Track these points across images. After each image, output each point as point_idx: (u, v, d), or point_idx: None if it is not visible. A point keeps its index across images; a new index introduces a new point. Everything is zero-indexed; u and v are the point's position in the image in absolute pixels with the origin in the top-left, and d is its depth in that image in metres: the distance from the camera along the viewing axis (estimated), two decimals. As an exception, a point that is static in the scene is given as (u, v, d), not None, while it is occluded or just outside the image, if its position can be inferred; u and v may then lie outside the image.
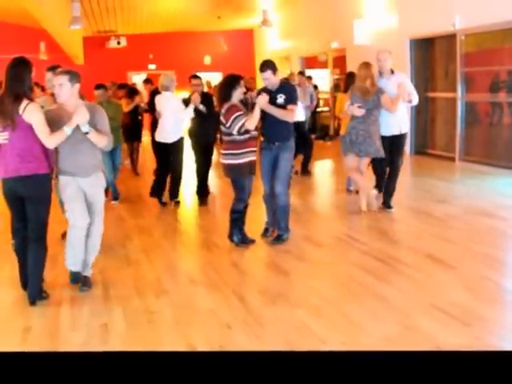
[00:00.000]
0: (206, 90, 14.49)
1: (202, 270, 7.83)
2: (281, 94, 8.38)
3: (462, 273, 7.06)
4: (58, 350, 5.42)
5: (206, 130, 11.69)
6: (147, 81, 16.54)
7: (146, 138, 16.52)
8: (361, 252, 7.97)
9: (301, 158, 14.09)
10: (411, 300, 6.33)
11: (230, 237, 8.58)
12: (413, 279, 6.96)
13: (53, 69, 8.22)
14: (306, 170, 14.55)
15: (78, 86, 6.87)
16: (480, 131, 14.83)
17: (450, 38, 14.61)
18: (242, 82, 8.38)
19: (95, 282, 7.34)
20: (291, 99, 8.45)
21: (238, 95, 8.27)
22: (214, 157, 12.70)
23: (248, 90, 10.68)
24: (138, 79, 28.51)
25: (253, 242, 8.64)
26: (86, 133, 6.65)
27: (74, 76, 6.83)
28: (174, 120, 11.43)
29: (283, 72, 16.45)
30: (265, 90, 8.49)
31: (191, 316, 6.25)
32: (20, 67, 6.53)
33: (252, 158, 8.37)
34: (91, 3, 19.05)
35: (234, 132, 8.09)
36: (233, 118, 8.06)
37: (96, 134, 6.77)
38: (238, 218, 8.53)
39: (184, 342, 5.59)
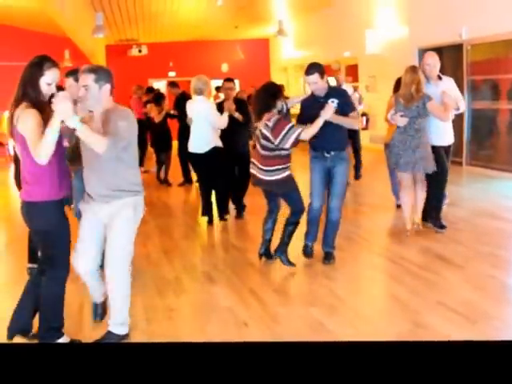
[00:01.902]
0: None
1: (219, 269, 7.83)
2: (332, 99, 7.38)
3: (470, 272, 7.07)
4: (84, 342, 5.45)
5: (241, 139, 10.46)
6: (173, 84, 15.30)
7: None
8: (373, 253, 7.96)
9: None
10: (421, 298, 6.33)
11: (284, 252, 7.57)
12: (423, 279, 6.96)
13: (72, 74, 6.39)
14: (358, 175, 13.85)
15: (108, 87, 5.21)
16: (486, 137, 14.80)
17: (457, 47, 14.57)
18: (283, 92, 7.57)
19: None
20: (348, 105, 7.61)
21: (279, 105, 7.31)
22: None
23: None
24: (158, 86, 28.68)
25: (294, 265, 7.55)
26: (74, 129, 4.90)
27: (102, 75, 5.20)
28: (207, 127, 9.84)
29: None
30: (312, 96, 7.61)
31: (209, 314, 6.27)
32: (26, 67, 5.16)
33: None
34: (114, 13, 19.09)
35: (287, 146, 7.12)
36: (283, 133, 7.05)
37: (89, 131, 4.89)
38: (293, 230, 7.62)
39: (202, 339, 5.59)
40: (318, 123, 7.13)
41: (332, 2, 20.25)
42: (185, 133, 11.23)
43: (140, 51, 26.77)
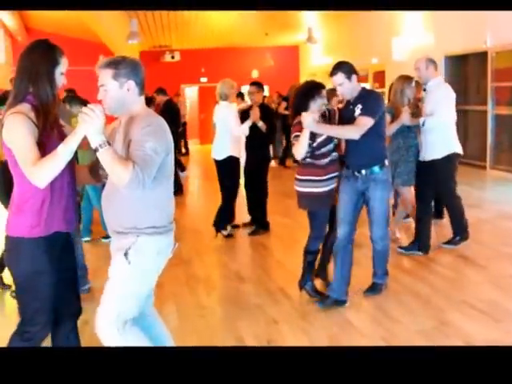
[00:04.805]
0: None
1: (249, 268, 7.88)
2: (359, 105, 5.98)
3: (492, 272, 7.04)
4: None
5: (255, 150, 9.52)
6: (159, 91, 14.84)
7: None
8: (398, 253, 7.94)
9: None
10: (445, 297, 6.33)
11: (302, 283, 6.56)
12: (446, 278, 6.96)
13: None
14: None
15: (131, 85, 3.86)
16: (509, 141, 14.72)
17: (482, 55, 14.52)
18: (323, 92, 6.34)
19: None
20: (365, 109, 5.93)
21: (317, 107, 6.18)
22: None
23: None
24: (189, 92, 28.79)
25: (323, 300, 6.31)
26: (96, 149, 3.61)
27: (123, 69, 3.86)
28: (225, 134, 9.23)
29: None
30: (348, 101, 6.22)
31: (239, 311, 6.29)
32: (30, 55, 3.87)
33: (333, 185, 6.33)
34: (148, 20, 19.20)
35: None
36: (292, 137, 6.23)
37: (114, 155, 3.63)
38: (312, 260, 6.56)
39: (233, 336, 5.65)
40: (303, 136, 5.92)
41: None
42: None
43: (173, 57, 26.96)
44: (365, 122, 5.85)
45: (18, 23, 20.42)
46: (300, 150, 5.99)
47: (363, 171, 6.10)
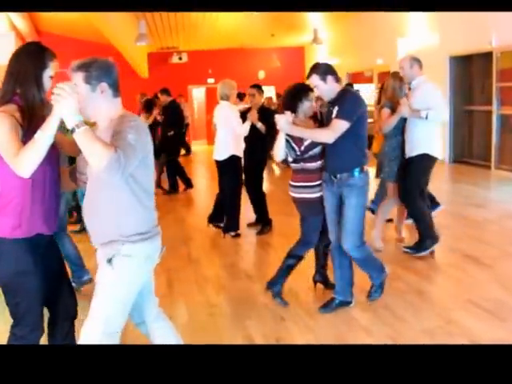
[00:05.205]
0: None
1: (257, 267, 7.93)
2: (336, 107, 5.70)
3: (498, 272, 7.05)
4: (127, 343, 5.53)
5: (253, 151, 9.56)
6: (163, 91, 14.65)
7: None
8: (404, 252, 7.95)
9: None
10: (450, 296, 6.37)
11: (271, 284, 6.47)
12: (452, 277, 7.00)
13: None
14: None
15: (104, 87, 3.67)
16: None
17: (487, 55, 14.52)
18: (311, 95, 6.16)
19: (160, 277, 7.46)
20: (341, 112, 5.62)
21: (305, 110, 6.09)
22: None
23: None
24: (197, 93, 28.81)
25: (287, 304, 6.35)
26: (72, 130, 3.42)
27: (94, 71, 3.66)
28: (225, 134, 9.25)
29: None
30: (328, 103, 5.94)
31: (248, 309, 6.32)
32: (19, 57, 3.93)
33: None
34: (156, 22, 19.25)
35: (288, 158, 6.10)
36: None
37: (93, 135, 3.43)
38: (293, 264, 6.44)
39: (242, 333, 5.69)
40: (279, 138, 5.94)
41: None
42: (171, 140, 11.68)
43: (180, 58, 27.01)
44: (339, 125, 5.59)
45: (28, 26, 20.48)
46: (276, 151, 5.97)
47: (338, 175, 5.81)
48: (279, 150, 5.94)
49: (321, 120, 6.18)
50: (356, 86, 21.59)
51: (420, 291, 6.58)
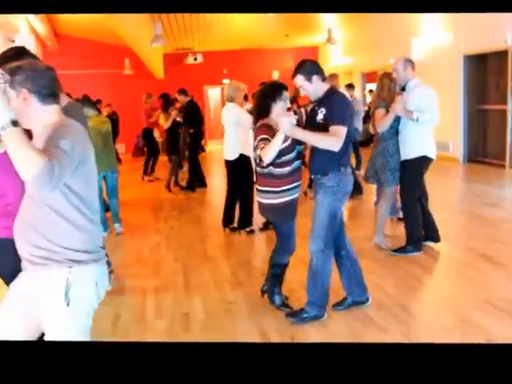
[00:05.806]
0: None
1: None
2: (322, 108, 5.58)
3: (513, 270, 7.03)
4: (144, 340, 5.54)
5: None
6: (181, 91, 15.03)
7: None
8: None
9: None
10: (465, 295, 6.33)
11: (271, 297, 6.29)
12: (467, 276, 6.96)
13: None
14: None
15: (25, 93, 3.24)
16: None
17: (502, 54, 14.49)
18: (285, 94, 5.95)
19: (177, 273, 7.50)
20: (335, 117, 5.46)
21: (279, 110, 5.81)
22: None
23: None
24: (212, 93, 28.84)
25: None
26: None
27: (17, 76, 3.24)
28: (234, 134, 9.46)
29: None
30: (314, 101, 5.82)
31: (263, 307, 6.32)
32: None
33: (293, 196, 5.85)
34: (171, 23, 19.32)
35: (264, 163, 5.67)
36: (255, 142, 5.72)
37: (24, 138, 2.93)
38: (279, 273, 6.25)
39: (258, 330, 5.70)
40: (277, 141, 5.39)
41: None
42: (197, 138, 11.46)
43: (195, 59, 27.04)
44: (341, 132, 5.40)
45: (47, 29, 20.57)
46: (271, 154, 5.44)
47: (313, 175, 5.77)
48: (274, 152, 5.45)
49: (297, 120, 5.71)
50: (370, 86, 21.67)
51: (435, 290, 6.59)
